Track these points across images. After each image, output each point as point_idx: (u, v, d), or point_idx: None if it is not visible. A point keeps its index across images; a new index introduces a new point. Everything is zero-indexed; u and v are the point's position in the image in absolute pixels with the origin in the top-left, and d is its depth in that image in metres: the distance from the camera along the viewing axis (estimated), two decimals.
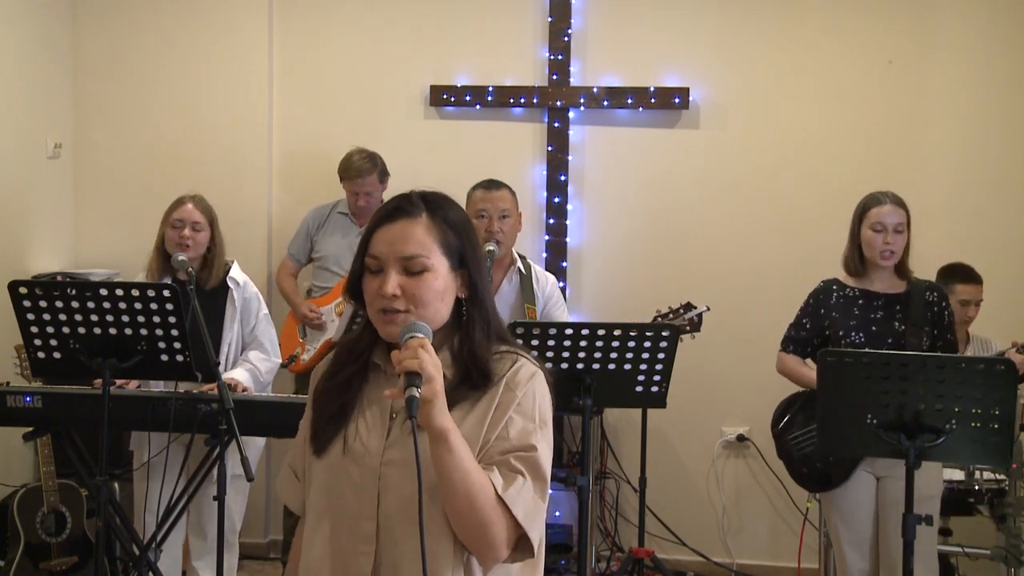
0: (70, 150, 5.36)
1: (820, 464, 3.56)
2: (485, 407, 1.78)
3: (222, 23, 5.30)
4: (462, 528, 1.71)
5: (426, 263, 1.79)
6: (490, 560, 1.74)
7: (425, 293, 1.78)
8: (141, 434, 3.90)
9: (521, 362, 1.83)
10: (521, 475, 1.74)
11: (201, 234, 3.90)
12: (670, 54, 5.14)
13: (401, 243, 1.79)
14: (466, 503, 1.68)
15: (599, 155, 5.21)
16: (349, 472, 1.79)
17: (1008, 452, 2.95)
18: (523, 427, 1.77)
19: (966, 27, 4.97)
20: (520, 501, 1.72)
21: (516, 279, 3.91)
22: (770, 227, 5.11)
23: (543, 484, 1.77)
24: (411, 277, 1.78)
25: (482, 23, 5.23)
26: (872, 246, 3.57)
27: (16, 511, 4.17)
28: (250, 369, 3.86)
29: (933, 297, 3.59)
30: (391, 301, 1.77)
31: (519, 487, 1.73)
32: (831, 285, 3.69)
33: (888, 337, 3.51)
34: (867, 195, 3.69)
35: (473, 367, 1.79)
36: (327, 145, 5.01)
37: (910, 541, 2.95)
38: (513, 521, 1.71)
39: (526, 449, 1.76)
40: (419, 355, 1.65)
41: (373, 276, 1.80)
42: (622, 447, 5.17)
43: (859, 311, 3.59)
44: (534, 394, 1.80)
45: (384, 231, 1.81)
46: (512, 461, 1.74)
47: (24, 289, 3.34)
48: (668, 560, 4.95)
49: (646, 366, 3.33)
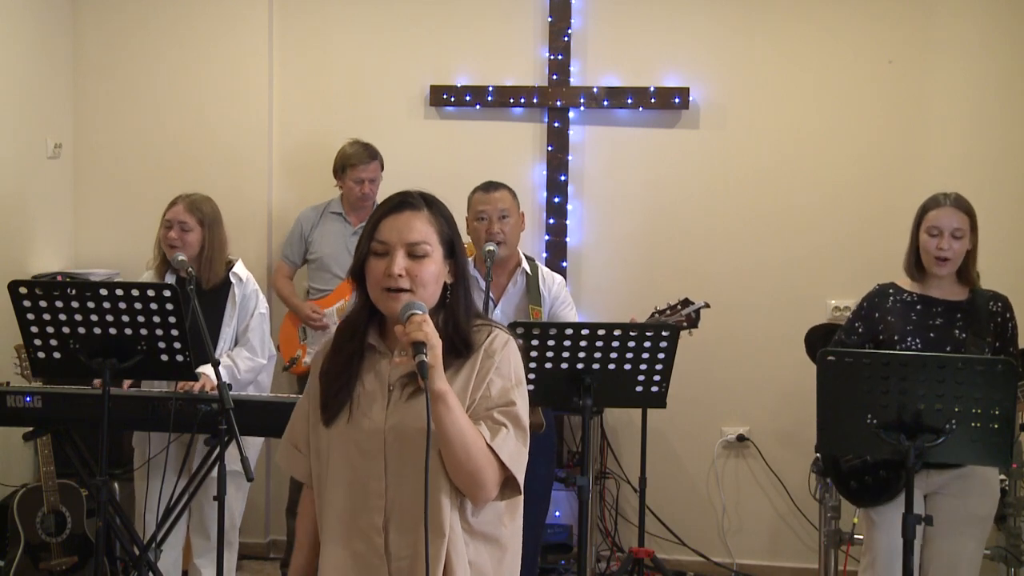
0: (70, 150, 5.36)
1: (869, 478, 3.41)
2: (468, 372, 2.09)
3: (222, 23, 5.30)
4: (459, 474, 2.01)
5: (427, 249, 2.09)
6: (482, 500, 2.06)
7: (426, 275, 2.07)
8: (142, 433, 3.90)
9: (495, 332, 2.14)
10: (504, 427, 2.05)
11: (189, 235, 3.89)
12: (670, 54, 5.14)
13: (408, 231, 2.08)
14: (463, 452, 1.98)
15: (599, 155, 5.21)
16: (356, 439, 2.08)
17: (1008, 452, 2.95)
18: (502, 386, 2.09)
19: (966, 27, 4.97)
20: (505, 448, 2.04)
21: (522, 281, 3.90)
22: (770, 227, 5.11)
23: (523, 432, 2.09)
24: (414, 261, 2.07)
25: (482, 23, 5.23)
26: (927, 251, 3.36)
27: (16, 511, 4.17)
28: (228, 365, 3.84)
29: (997, 307, 3.42)
30: (397, 280, 2.04)
31: (504, 436, 2.04)
32: (887, 289, 3.50)
33: (947, 345, 3.34)
34: (930, 196, 3.46)
35: (457, 339, 2.09)
36: (327, 145, 5.01)
37: (910, 541, 2.95)
38: (500, 464, 2.03)
39: (507, 404, 2.08)
40: (423, 327, 1.95)
41: (379, 259, 2.08)
42: (622, 447, 5.17)
43: (917, 316, 3.40)
44: (509, 358, 2.12)
45: (391, 220, 2.10)
46: (496, 415, 2.06)
47: (24, 289, 3.33)
48: (668, 560, 4.96)
49: (646, 366, 3.33)
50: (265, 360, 4.03)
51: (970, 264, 3.41)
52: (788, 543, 5.11)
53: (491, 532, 2.11)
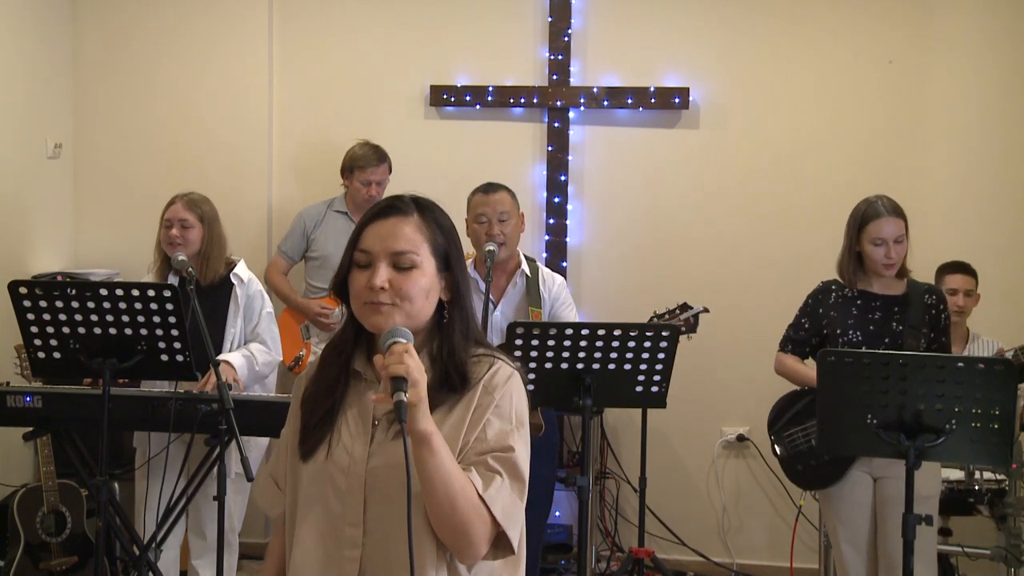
0: (70, 150, 5.36)
1: (814, 461, 3.56)
2: (464, 409, 1.82)
3: (222, 23, 5.31)
4: (443, 528, 1.75)
5: (415, 260, 1.84)
6: (469, 558, 1.78)
7: (412, 288, 1.82)
8: (143, 432, 3.90)
9: (498, 365, 1.87)
10: (499, 475, 1.78)
11: (191, 231, 3.90)
12: (670, 54, 5.14)
13: (392, 239, 1.84)
14: (448, 504, 1.72)
15: (599, 155, 5.21)
16: (334, 478, 1.83)
17: (1008, 452, 2.95)
18: (500, 428, 1.81)
19: (967, 27, 4.97)
20: (499, 500, 1.77)
21: (521, 282, 3.90)
22: (770, 227, 5.11)
23: (521, 484, 1.82)
24: (400, 272, 1.83)
25: (482, 23, 5.23)
26: (874, 259, 3.55)
27: (16, 511, 4.17)
28: (247, 355, 3.85)
29: (932, 300, 3.58)
30: (378, 294, 1.81)
31: (497, 487, 1.77)
32: (830, 285, 3.69)
33: (885, 337, 3.52)
34: (862, 203, 3.63)
35: (452, 370, 1.84)
36: (327, 145, 5.01)
37: (910, 541, 2.95)
38: (492, 520, 1.76)
39: (504, 450, 1.80)
40: (404, 360, 1.68)
41: (361, 270, 1.85)
42: (622, 447, 5.17)
43: (857, 311, 3.59)
44: (511, 396, 1.84)
45: (376, 227, 1.86)
46: (490, 461, 1.79)
47: (24, 289, 3.34)
48: (668, 560, 4.96)
49: (646, 366, 3.33)
50: (280, 356, 4.04)
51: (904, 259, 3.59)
52: (788, 543, 5.10)
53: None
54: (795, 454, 3.66)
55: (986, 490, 4.00)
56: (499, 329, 3.71)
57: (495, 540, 1.80)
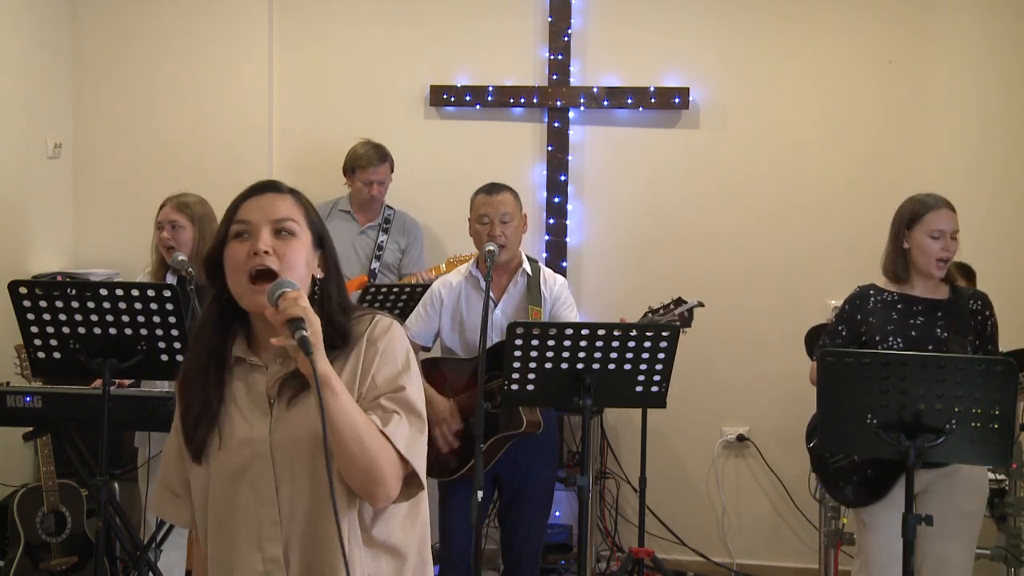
0: (70, 150, 5.36)
1: (857, 478, 3.41)
2: (353, 364, 1.88)
3: (222, 23, 5.31)
4: (354, 471, 1.78)
5: (295, 228, 1.89)
6: (382, 499, 1.82)
7: (294, 256, 1.86)
8: (144, 432, 3.90)
9: (377, 318, 1.93)
10: (396, 413, 1.84)
11: (182, 233, 3.89)
12: (670, 54, 5.14)
13: (272, 209, 1.89)
14: (356, 444, 1.75)
15: (599, 155, 5.21)
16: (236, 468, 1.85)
17: (1008, 452, 2.94)
18: (389, 373, 1.88)
19: (967, 27, 4.97)
20: (399, 435, 1.82)
21: (522, 281, 3.90)
22: (770, 227, 5.11)
23: (419, 419, 1.88)
24: (281, 240, 1.86)
25: (482, 23, 5.23)
26: (929, 254, 3.36)
27: (16, 511, 4.17)
28: None
29: (977, 305, 3.43)
30: (263, 258, 1.82)
31: (396, 423, 1.83)
32: (868, 290, 3.51)
33: (929, 344, 3.34)
34: (911, 200, 3.46)
35: (333, 333, 1.86)
36: (327, 145, 5.01)
37: (910, 541, 2.95)
38: (398, 456, 1.81)
39: (396, 391, 1.87)
40: (299, 303, 1.73)
41: (241, 242, 1.86)
42: (622, 447, 5.17)
43: (898, 316, 3.41)
44: (394, 342, 1.90)
45: (254, 200, 1.91)
46: (384, 403, 1.85)
47: (24, 289, 3.33)
48: (668, 560, 4.95)
49: (646, 366, 3.33)
50: None
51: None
52: (788, 543, 5.11)
53: (390, 541, 1.90)
54: (835, 471, 3.48)
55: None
56: (500, 328, 3.72)
57: (405, 479, 1.84)
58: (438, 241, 5.17)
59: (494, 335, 3.74)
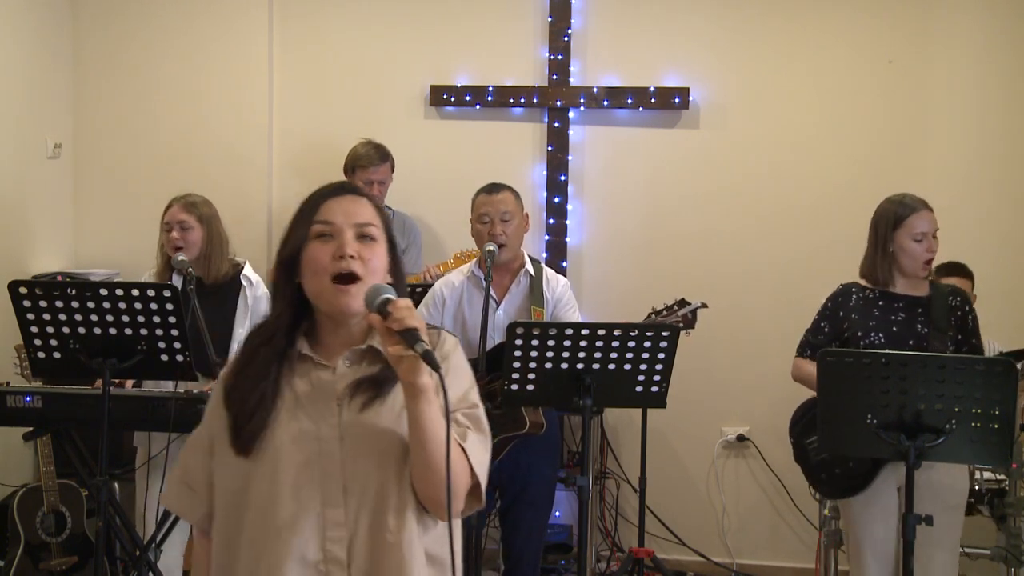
0: (70, 150, 5.36)
1: (839, 470, 3.43)
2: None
3: (222, 23, 5.31)
4: (431, 482, 1.75)
5: (376, 233, 1.86)
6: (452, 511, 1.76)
7: (376, 261, 1.84)
8: (144, 432, 3.89)
9: (443, 335, 1.93)
10: (469, 429, 1.85)
11: (191, 233, 3.88)
12: (670, 54, 5.14)
13: (355, 212, 1.86)
14: (439, 455, 1.72)
15: (599, 155, 5.21)
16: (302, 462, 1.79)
17: (1008, 452, 2.95)
18: (460, 389, 1.88)
19: (967, 27, 4.97)
20: (474, 452, 1.83)
21: (525, 281, 3.90)
22: (770, 227, 5.11)
23: (486, 437, 1.89)
24: (364, 244, 1.84)
25: (482, 23, 5.23)
26: (915, 256, 3.42)
27: (16, 511, 4.17)
28: None
29: (956, 301, 3.45)
30: (348, 262, 1.80)
31: (472, 440, 1.84)
32: (850, 288, 3.56)
33: (910, 339, 3.38)
34: (890, 202, 3.50)
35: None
36: (327, 145, 5.01)
37: (910, 541, 2.95)
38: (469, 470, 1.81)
39: (469, 407, 1.88)
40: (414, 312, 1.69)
41: (324, 243, 1.83)
42: (622, 447, 5.17)
43: (879, 312, 3.46)
44: (461, 359, 1.92)
45: (336, 201, 1.87)
46: (459, 418, 1.85)
47: (24, 289, 3.33)
48: (668, 560, 4.95)
49: (646, 366, 3.33)
50: None
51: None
52: (788, 543, 5.11)
53: (433, 551, 1.87)
54: (818, 463, 3.52)
55: (986, 490, 3.99)
56: (502, 328, 3.72)
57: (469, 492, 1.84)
58: (439, 241, 5.17)
59: (496, 335, 3.74)
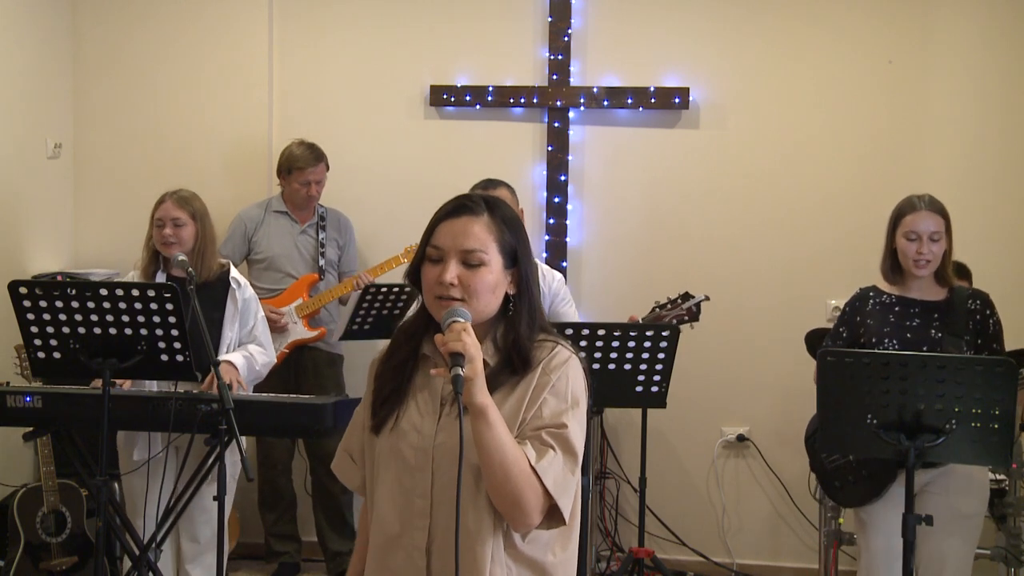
0: (70, 150, 5.36)
1: (852, 478, 3.42)
2: (523, 389, 1.95)
3: (222, 23, 5.31)
4: (497, 496, 1.88)
5: (483, 258, 1.96)
6: (522, 526, 1.91)
7: (479, 285, 1.95)
8: (130, 434, 3.82)
9: (558, 349, 2.00)
10: (552, 449, 1.91)
11: (184, 229, 3.83)
12: (670, 54, 5.14)
13: (463, 237, 1.96)
14: (501, 473, 1.85)
15: (599, 155, 5.21)
16: (403, 452, 1.98)
17: (1008, 452, 2.94)
18: (556, 407, 1.94)
19: (967, 27, 4.97)
20: (551, 472, 1.88)
21: None
22: (770, 227, 5.11)
23: (573, 458, 1.93)
24: (469, 269, 1.95)
25: (482, 23, 5.23)
26: (906, 255, 3.36)
27: (16, 511, 4.17)
28: (247, 356, 3.85)
29: (976, 305, 3.41)
30: (448, 289, 1.94)
31: (550, 459, 1.89)
32: (868, 292, 3.52)
33: (923, 345, 3.34)
34: (903, 199, 3.46)
35: (515, 354, 1.97)
36: (327, 145, 5.00)
37: (910, 541, 2.95)
38: (544, 490, 1.88)
39: (558, 427, 1.92)
40: (462, 338, 1.84)
41: (433, 265, 1.98)
42: (622, 447, 5.17)
43: (895, 318, 3.40)
44: (568, 377, 1.97)
45: (448, 224, 1.98)
46: (544, 436, 1.92)
47: (24, 289, 3.34)
48: (668, 560, 4.95)
49: (646, 366, 3.33)
50: (274, 358, 4.04)
51: (946, 264, 3.40)
52: (788, 543, 5.11)
53: (538, 558, 1.96)
54: (833, 470, 3.49)
55: None
56: None
57: (548, 511, 1.92)
58: None
59: None
